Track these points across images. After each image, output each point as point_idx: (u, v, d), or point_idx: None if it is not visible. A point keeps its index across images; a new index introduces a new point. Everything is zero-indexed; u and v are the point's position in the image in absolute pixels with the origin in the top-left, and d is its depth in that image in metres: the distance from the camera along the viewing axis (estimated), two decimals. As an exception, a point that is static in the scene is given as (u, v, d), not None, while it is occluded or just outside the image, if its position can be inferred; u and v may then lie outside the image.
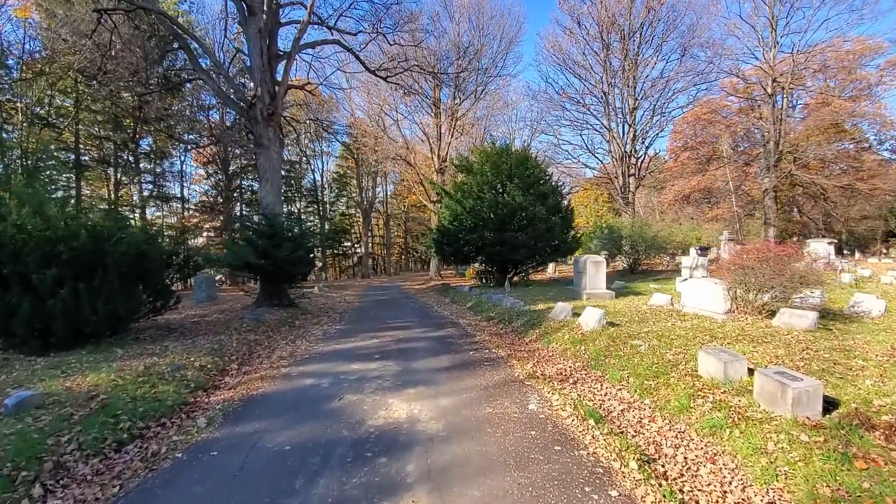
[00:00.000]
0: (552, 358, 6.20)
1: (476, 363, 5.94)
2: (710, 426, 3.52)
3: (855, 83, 30.97)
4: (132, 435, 3.87)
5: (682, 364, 4.78)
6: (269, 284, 11.47)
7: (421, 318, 10.58)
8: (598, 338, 6.33)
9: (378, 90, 24.17)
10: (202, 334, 8.04)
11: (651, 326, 6.75)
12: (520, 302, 10.61)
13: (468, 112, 24.70)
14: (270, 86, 11.54)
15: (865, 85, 31.19)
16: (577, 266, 12.16)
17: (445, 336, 8.05)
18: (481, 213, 17.05)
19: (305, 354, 6.82)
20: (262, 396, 4.83)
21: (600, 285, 11.36)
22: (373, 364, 6.02)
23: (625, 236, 21.02)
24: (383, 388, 4.88)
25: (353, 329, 9.21)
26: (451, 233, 17.34)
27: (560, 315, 8.07)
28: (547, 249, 16.75)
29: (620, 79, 23.77)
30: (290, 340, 8.00)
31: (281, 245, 10.76)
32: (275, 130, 11.68)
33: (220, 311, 11.18)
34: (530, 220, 16.16)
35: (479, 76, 24.06)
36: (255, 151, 11.66)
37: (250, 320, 9.46)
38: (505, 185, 16.70)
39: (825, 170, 28.27)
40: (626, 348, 5.71)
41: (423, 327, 9.19)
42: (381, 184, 42.30)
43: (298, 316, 10.89)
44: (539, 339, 7.35)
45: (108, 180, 24.11)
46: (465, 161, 18.72)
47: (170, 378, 5.26)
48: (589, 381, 5.03)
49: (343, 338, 8.16)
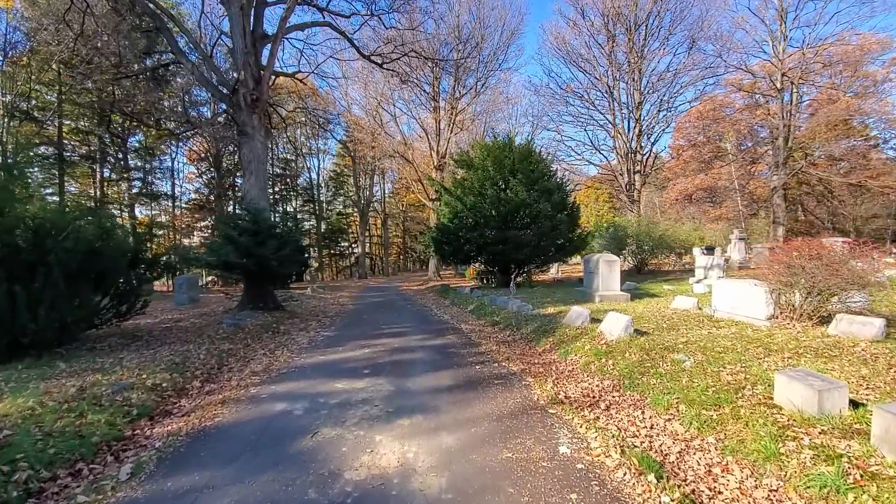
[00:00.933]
0: (574, 374, 5.19)
1: (484, 381, 4.92)
2: (819, 485, 2.51)
3: (860, 80, 30.16)
4: (27, 491, 2.84)
5: (748, 388, 3.77)
6: (254, 286, 10.44)
7: (419, 323, 9.56)
8: (626, 349, 5.32)
9: (375, 84, 23.18)
10: (169, 343, 7.00)
11: (686, 335, 5.75)
12: (527, 305, 9.61)
13: (468, 107, 23.71)
14: (255, 70, 10.51)
15: (871, 82, 30.40)
16: (587, 266, 11.17)
17: (446, 345, 7.04)
18: (482, 210, 16.04)
19: (283, 368, 5.78)
20: (217, 429, 3.80)
21: (614, 287, 10.37)
22: (361, 382, 4.99)
23: (631, 235, 20.06)
24: (370, 418, 3.85)
25: (342, 336, 8.18)
26: (451, 231, 16.33)
27: (576, 321, 7.06)
28: (551, 248, 15.73)
29: (626, 72, 22.82)
30: (269, 350, 6.96)
31: (265, 243, 9.72)
32: (260, 118, 10.65)
33: (199, 315, 10.13)
34: (534, 217, 15.16)
35: (479, 69, 23.09)
36: (238, 141, 10.64)
37: (228, 326, 8.43)
38: (508, 180, 15.70)
39: (832, 168, 27.39)
40: (665, 364, 4.70)
41: (422, 334, 8.17)
42: (379, 182, 41.28)
43: (284, 320, 9.85)
44: (554, 349, 6.34)
45: (93, 177, 22.98)
46: (466, 156, 17.71)
47: (107, 403, 4.23)
48: (626, 407, 4.02)
49: (330, 347, 7.14)
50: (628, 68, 22.51)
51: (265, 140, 10.74)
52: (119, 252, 6.60)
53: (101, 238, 6.24)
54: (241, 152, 10.63)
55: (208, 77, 10.68)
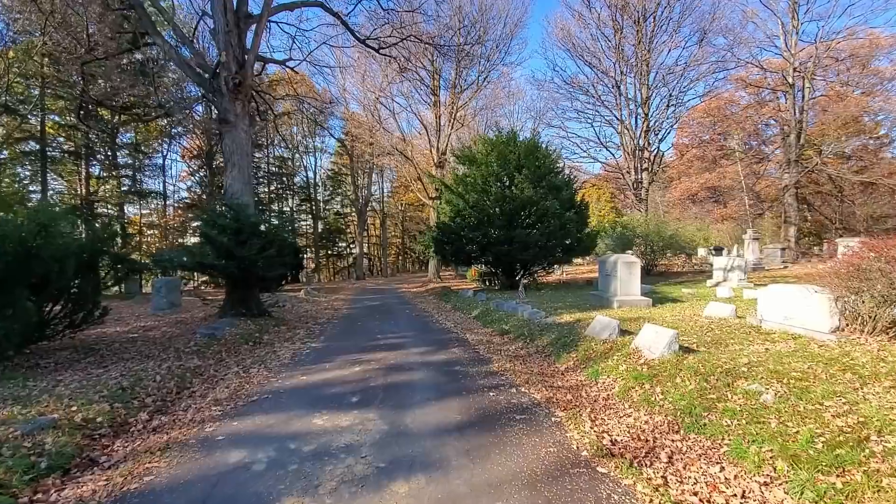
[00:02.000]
0: (611, 404, 4.16)
1: (503, 415, 3.88)
2: None
3: (868, 77, 29.26)
4: None
5: (873, 437, 2.73)
6: (236, 290, 9.38)
7: (419, 332, 8.51)
8: (675, 373, 4.29)
9: (373, 76, 22.14)
10: (127, 359, 5.93)
11: (742, 354, 4.71)
12: (538, 311, 8.57)
13: (470, 101, 22.69)
14: (238, 51, 9.46)
15: (878, 80, 29.49)
16: (602, 268, 10.13)
17: (451, 361, 5.99)
18: (485, 208, 15.02)
19: (254, 394, 4.73)
20: (142, 496, 2.74)
21: (633, 291, 9.33)
22: (346, 416, 3.94)
23: (640, 235, 19.05)
24: (354, 481, 2.80)
25: (332, 348, 7.13)
26: (453, 230, 15.30)
27: (603, 333, 6.02)
28: (558, 249, 14.70)
29: (633, 66, 21.82)
30: (244, 368, 5.90)
31: (248, 243, 8.67)
32: (243, 105, 9.60)
33: (174, 323, 9.07)
34: (541, 215, 14.14)
35: (481, 62, 22.07)
36: (219, 130, 9.60)
37: (203, 336, 7.37)
38: (512, 176, 14.68)
39: (842, 166, 26.45)
40: (735, 396, 3.66)
41: (422, 346, 7.12)
42: (378, 181, 40.24)
43: (269, 329, 8.79)
44: (580, 367, 5.31)
45: (79, 174, 21.89)
46: (468, 151, 16.69)
47: (8, 452, 3.18)
48: (695, 459, 2.98)
49: (316, 363, 6.08)
50: (636, 62, 21.51)
51: (249, 129, 9.69)
52: (65, 252, 5.54)
53: (39, 236, 5.17)
54: (223, 143, 9.56)
55: (186, 59, 9.62)
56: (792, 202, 23.73)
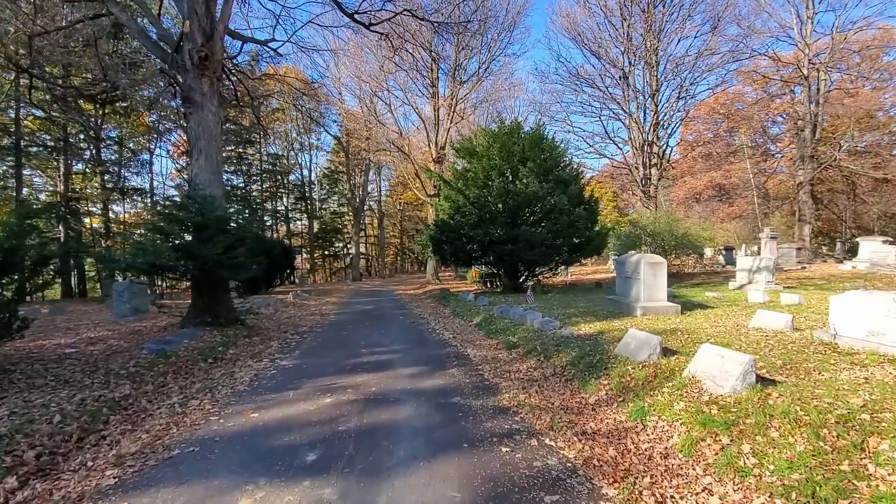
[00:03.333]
0: (678, 468, 2.86)
1: (524, 495, 2.59)
2: None
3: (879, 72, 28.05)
4: None
5: None
6: (201, 296, 8.08)
7: (412, 345, 7.23)
8: (764, 420, 3.00)
9: (368, 67, 20.86)
10: (39, 386, 4.64)
11: (840, 387, 3.42)
12: (551, 320, 7.29)
13: (471, 92, 21.42)
14: (205, 21, 8.16)
15: (888, 74, 28.29)
16: (622, 269, 8.84)
17: (449, 389, 4.70)
18: (487, 204, 13.75)
19: (175, 445, 3.43)
20: None
21: (659, 296, 8.04)
22: (291, 495, 2.65)
23: (650, 233, 17.79)
24: None
25: (305, 368, 5.84)
26: (452, 229, 14.02)
27: (639, 352, 4.73)
28: (565, 248, 13.39)
29: (642, 56, 20.54)
30: (185, 398, 4.61)
31: (212, 240, 7.38)
32: (211, 83, 8.30)
33: (128, 334, 7.76)
34: (548, 211, 12.88)
35: (482, 51, 20.80)
36: (184, 111, 8.31)
37: (150, 352, 6.07)
38: (516, 170, 13.39)
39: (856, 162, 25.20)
40: (877, 467, 2.38)
41: (414, 365, 5.84)
42: (375, 180, 38.94)
43: (238, 340, 7.50)
44: (616, 401, 4.02)
45: (59, 170, 20.57)
46: (468, 143, 15.41)
47: None
48: None
49: (278, 391, 4.79)
50: (645, 51, 20.23)
51: (218, 111, 8.38)
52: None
53: None
54: (188, 126, 8.26)
55: (145, 30, 8.32)
56: (807, 199, 22.47)
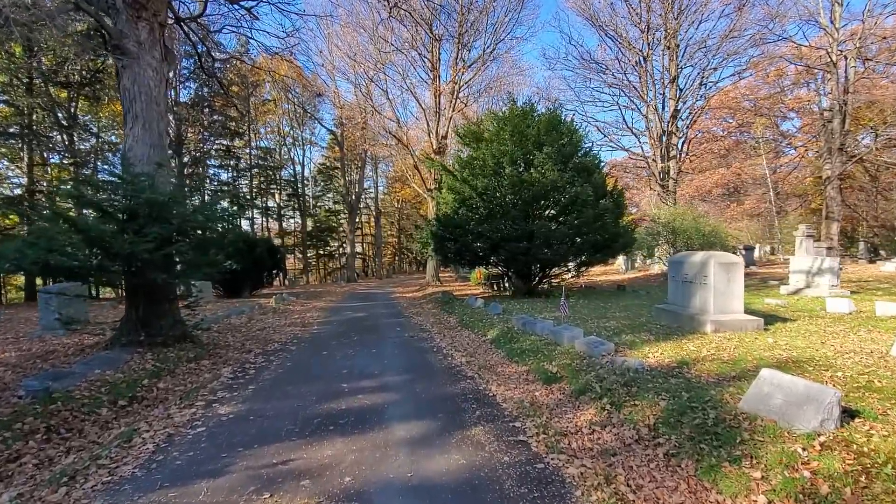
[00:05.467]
0: None
1: None
2: None
3: (894, 66, 26.35)
4: None
5: None
6: (134, 306, 6.08)
7: (412, 376, 5.24)
8: None
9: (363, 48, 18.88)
10: None
11: None
12: (600, 341, 5.33)
13: (475, 77, 19.48)
14: (142, -53, 6.16)
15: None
16: (677, 272, 6.89)
17: (479, 479, 2.72)
18: (496, 196, 11.81)
19: None
20: None
21: (734, 306, 6.11)
22: None
23: (674, 230, 15.87)
24: None
25: (247, 424, 3.86)
26: (457, 224, 12.05)
27: (796, 413, 2.73)
28: (589, 246, 11.42)
29: (661, 40, 18.65)
30: (19, 497, 2.62)
31: (142, 231, 5.39)
32: (151, 28, 6.30)
33: (34, 356, 5.74)
34: (569, 203, 10.94)
35: (487, 32, 18.87)
36: (116, 66, 6.31)
37: (29, 393, 4.08)
38: (531, 157, 11.43)
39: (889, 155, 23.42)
40: None
41: (417, 417, 3.86)
42: (372, 176, 36.91)
43: (179, 367, 5.49)
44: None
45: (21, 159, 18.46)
46: (474, 127, 13.46)
47: None
48: None
49: (183, 483, 2.81)
50: (664, 34, 18.34)
51: (160, 66, 6.39)
52: None
53: None
54: (120, 84, 6.25)
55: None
56: (835, 195, 20.61)
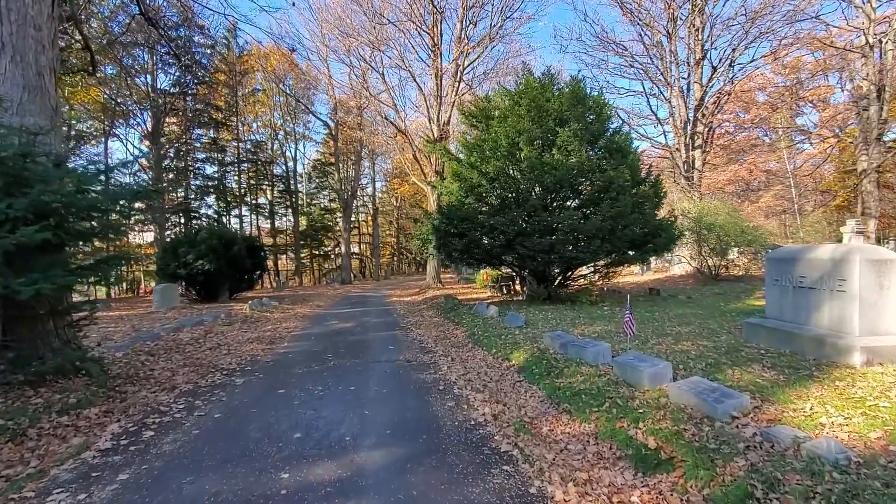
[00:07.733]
0: None
1: None
2: None
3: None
4: None
5: None
6: None
7: (406, 450, 3.15)
8: None
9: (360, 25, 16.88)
10: None
11: None
12: (703, 381, 3.25)
13: (479, 57, 17.50)
14: None
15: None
16: (785, 272, 4.83)
17: None
18: (511, 182, 9.77)
19: None
20: None
21: (888, 326, 4.07)
22: None
23: (707, 225, 13.91)
24: None
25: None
26: (464, 216, 9.98)
27: None
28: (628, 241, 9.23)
29: (685, 20, 16.68)
30: None
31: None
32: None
33: None
34: (601, 190, 8.89)
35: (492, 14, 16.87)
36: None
37: None
38: (553, 135, 9.38)
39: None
40: None
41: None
42: (369, 173, 34.81)
43: (45, 419, 3.40)
44: None
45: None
46: (485, 103, 11.42)
47: None
48: None
49: None
50: (690, 10, 16.38)
51: (40, -30, 4.35)
52: None
53: None
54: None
55: None
56: (872, 190, 18.66)
